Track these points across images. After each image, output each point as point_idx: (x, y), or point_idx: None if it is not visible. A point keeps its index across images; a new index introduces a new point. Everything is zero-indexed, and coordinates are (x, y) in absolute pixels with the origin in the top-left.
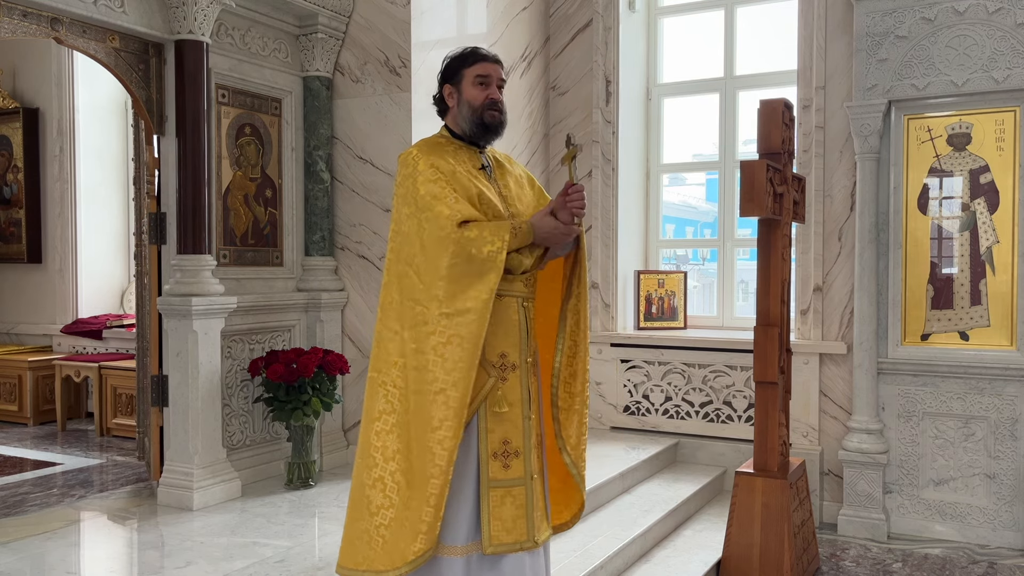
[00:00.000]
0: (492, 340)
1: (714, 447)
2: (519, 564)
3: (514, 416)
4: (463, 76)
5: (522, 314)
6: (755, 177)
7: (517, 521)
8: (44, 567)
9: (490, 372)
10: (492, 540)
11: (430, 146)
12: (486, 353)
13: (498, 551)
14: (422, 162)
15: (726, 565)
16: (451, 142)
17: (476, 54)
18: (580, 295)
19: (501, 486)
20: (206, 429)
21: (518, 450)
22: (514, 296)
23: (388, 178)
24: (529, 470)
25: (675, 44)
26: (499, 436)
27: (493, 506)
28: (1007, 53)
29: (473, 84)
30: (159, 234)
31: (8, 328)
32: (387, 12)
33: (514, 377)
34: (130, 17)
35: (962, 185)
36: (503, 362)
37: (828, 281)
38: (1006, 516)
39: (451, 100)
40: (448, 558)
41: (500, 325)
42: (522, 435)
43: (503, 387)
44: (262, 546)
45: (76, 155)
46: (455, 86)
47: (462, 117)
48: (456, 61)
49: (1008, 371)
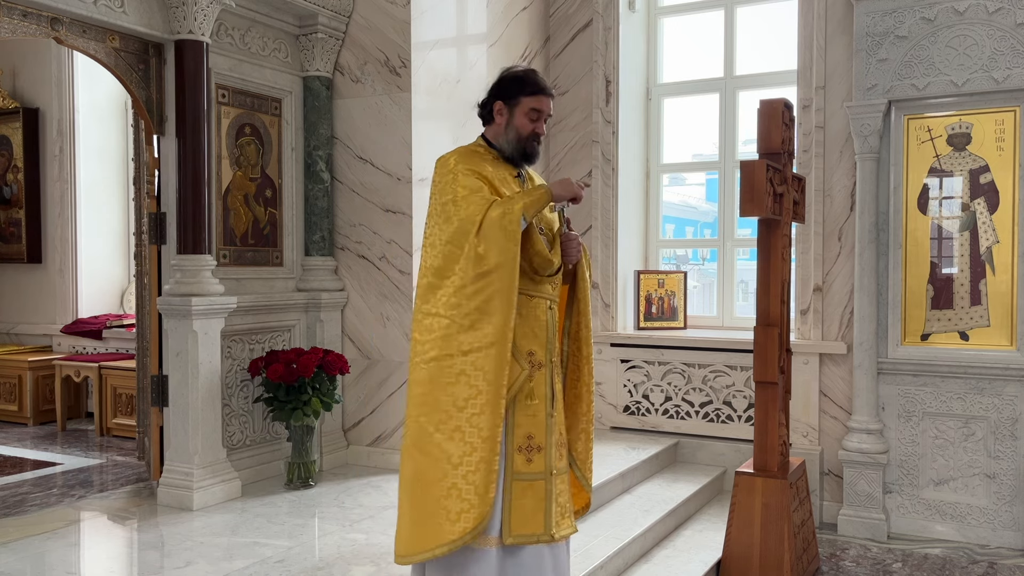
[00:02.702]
0: (522, 339)
1: (714, 447)
2: (538, 556)
3: (539, 412)
4: (519, 102)
5: (549, 315)
6: (755, 177)
7: (536, 514)
8: (44, 567)
9: (522, 365)
10: (512, 531)
11: (469, 153)
12: (519, 347)
13: (517, 542)
14: (461, 166)
15: (726, 565)
16: (489, 151)
17: (537, 84)
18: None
19: (523, 479)
20: (206, 429)
21: (540, 445)
22: (543, 298)
23: (388, 178)
24: (549, 466)
25: (675, 44)
26: (524, 431)
27: (515, 498)
28: (1007, 53)
29: (526, 114)
30: (159, 234)
31: (8, 328)
32: (387, 12)
33: (540, 375)
34: (130, 17)
35: (962, 185)
36: (531, 360)
37: (828, 281)
38: (1006, 516)
39: (500, 117)
40: (483, 548)
41: (530, 324)
42: (545, 431)
43: (531, 383)
44: (262, 546)
45: (76, 155)
46: (508, 107)
47: (506, 139)
48: (516, 84)
49: (1008, 371)
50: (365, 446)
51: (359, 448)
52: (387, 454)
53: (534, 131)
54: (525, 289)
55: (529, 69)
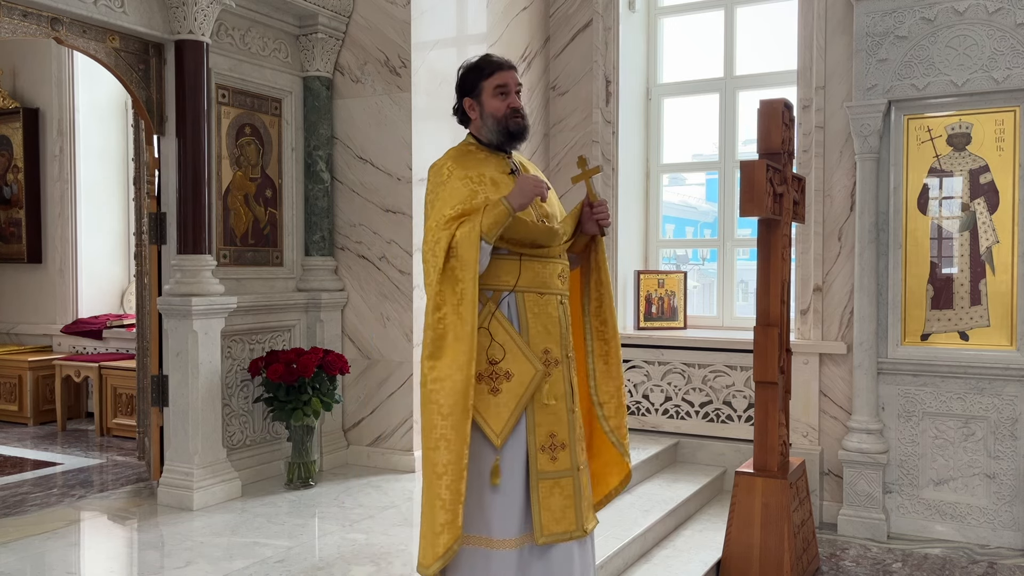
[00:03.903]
0: (536, 338)
1: (714, 447)
2: (568, 553)
3: (559, 410)
4: (482, 88)
5: (561, 311)
6: (755, 177)
7: (566, 511)
8: (44, 567)
9: (536, 366)
10: (544, 530)
11: (461, 155)
12: (532, 348)
13: (549, 540)
14: (456, 174)
15: (726, 565)
16: (480, 149)
17: (491, 63)
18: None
19: (549, 478)
20: (206, 429)
21: (564, 443)
22: (553, 294)
23: (388, 178)
24: (575, 462)
25: (675, 44)
26: (546, 430)
27: (543, 497)
28: (1007, 53)
29: (493, 95)
30: (159, 234)
31: (8, 328)
32: (387, 12)
33: (557, 372)
34: (130, 17)
35: (962, 185)
36: (547, 358)
37: (828, 281)
38: (1006, 516)
39: (473, 113)
40: (500, 551)
41: (543, 322)
42: (567, 428)
43: (548, 382)
44: (262, 546)
45: (76, 155)
46: (475, 99)
47: (487, 128)
48: (472, 74)
49: (1008, 371)
50: (365, 446)
51: (359, 448)
52: (387, 454)
53: (509, 106)
54: (534, 287)
55: (481, 56)
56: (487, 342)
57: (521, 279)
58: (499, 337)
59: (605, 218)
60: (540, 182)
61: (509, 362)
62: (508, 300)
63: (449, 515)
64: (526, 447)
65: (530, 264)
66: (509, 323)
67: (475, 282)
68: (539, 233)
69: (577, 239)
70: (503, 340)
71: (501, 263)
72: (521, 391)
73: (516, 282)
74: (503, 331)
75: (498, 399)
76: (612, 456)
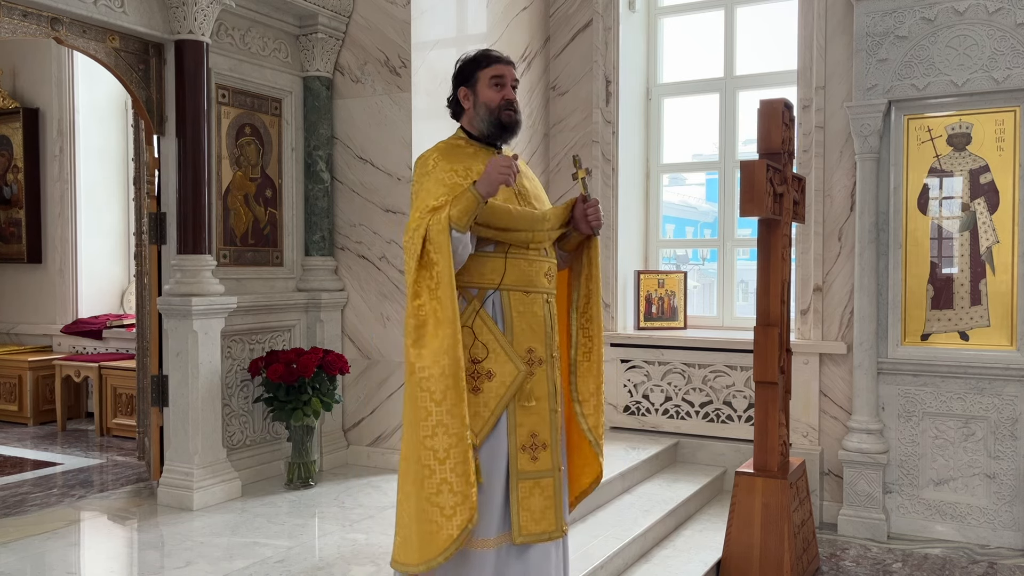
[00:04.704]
0: (521, 336)
1: (714, 447)
2: (545, 554)
3: (541, 410)
4: (478, 78)
5: (547, 310)
6: (755, 177)
7: (546, 512)
8: (44, 567)
9: (519, 367)
10: (522, 530)
11: (449, 148)
12: (516, 347)
13: (527, 540)
14: (440, 166)
15: (726, 565)
16: (469, 143)
17: (489, 56)
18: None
19: (530, 478)
20: (206, 429)
21: (545, 443)
22: (539, 292)
23: (388, 178)
24: (556, 462)
25: (675, 44)
26: (528, 429)
27: (522, 497)
28: (1007, 53)
29: (488, 86)
30: (159, 234)
31: (8, 328)
32: (387, 12)
33: (541, 372)
34: (130, 17)
35: (962, 185)
36: (531, 357)
37: (828, 281)
38: (1006, 516)
39: (467, 103)
40: (479, 551)
41: (528, 321)
42: (549, 428)
43: (531, 381)
44: (262, 546)
45: (76, 155)
46: (470, 88)
47: (479, 118)
48: (470, 64)
49: (1008, 371)
50: (365, 446)
51: (359, 448)
52: (387, 454)
53: (503, 98)
54: (520, 286)
55: (480, 49)
56: (470, 341)
57: (506, 277)
58: (482, 336)
59: (596, 217)
60: (506, 166)
61: (491, 362)
62: (493, 298)
63: (458, 497)
64: (506, 446)
65: (516, 262)
66: (493, 322)
67: (450, 266)
68: (520, 217)
69: (570, 237)
70: (486, 339)
71: (486, 261)
72: (502, 391)
73: (501, 280)
74: (487, 330)
75: (478, 398)
76: (587, 455)
